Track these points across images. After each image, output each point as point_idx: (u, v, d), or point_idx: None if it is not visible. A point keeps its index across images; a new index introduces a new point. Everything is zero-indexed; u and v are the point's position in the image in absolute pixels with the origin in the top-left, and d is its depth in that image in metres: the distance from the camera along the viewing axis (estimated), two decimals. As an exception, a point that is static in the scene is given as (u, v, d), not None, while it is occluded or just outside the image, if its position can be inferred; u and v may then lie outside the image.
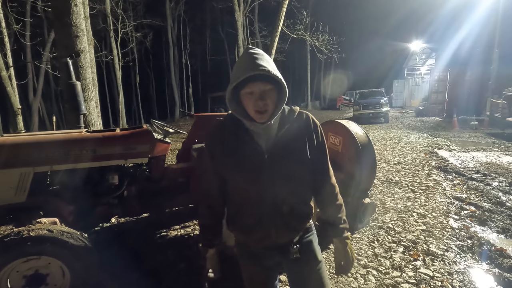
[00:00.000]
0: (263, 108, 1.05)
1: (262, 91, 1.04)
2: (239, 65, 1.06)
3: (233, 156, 1.13)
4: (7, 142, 2.07)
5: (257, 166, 1.10)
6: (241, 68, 1.03)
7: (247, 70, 1.00)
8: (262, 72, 0.99)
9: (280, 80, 1.04)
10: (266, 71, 0.99)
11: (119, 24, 15.02)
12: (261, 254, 1.22)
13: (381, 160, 6.26)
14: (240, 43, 14.18)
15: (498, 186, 4.36)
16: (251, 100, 1.05)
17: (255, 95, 1.04)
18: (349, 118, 14.73)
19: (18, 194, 2.07)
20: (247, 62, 1.03)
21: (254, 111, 1.06)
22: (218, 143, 1.17)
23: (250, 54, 1.04)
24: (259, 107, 1.04)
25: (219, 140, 1.17)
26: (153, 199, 2.63)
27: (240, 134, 1.13)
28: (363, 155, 2.99)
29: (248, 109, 1.07)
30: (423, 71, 23.76)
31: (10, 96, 7.39)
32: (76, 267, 1.87)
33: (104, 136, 2.37)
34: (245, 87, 1.04)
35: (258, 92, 1.04)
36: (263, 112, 1.05)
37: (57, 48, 4.30)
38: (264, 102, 1.04)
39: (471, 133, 9.99)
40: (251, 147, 1.12)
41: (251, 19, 21.86)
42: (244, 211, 1.18)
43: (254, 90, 1.04)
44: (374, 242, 2.92)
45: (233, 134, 1.14)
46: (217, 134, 1.20)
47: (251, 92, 1.04)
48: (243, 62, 1.04)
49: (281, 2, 9.03)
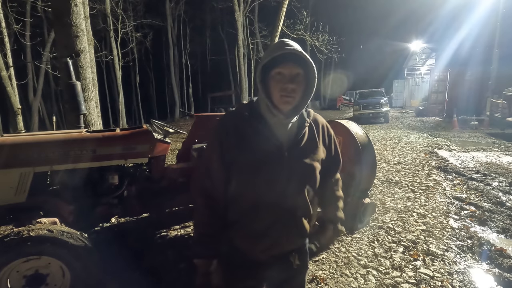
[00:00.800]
0: (291, 93, 0.98)
1: (292, 74, 0.98)
2: (270, 48, 1.03)
3: (248, 149, 1.02)
4: (7, 142, 2.07)
5: (276, 164, 1.02)
6: (272, 50, 1.01)
7: (277, 49, 0.98)
8: (292, 51, 0.96)
9: (311, 63, 1.00)
10: (296, 50, 0.97)
11: (119, 24, 15.02)
12: (261, 264, 1.10)
13: (381, 160, 6.26)
14: (240, 43, 14.18)
15: (498, 186, 4.36)
16: (279, 83, 0.99)
17: (285, 78, 0.98)
18: (349, 118, 14.73)
19: (18, 194, 2.07)
20: (278, 44, 1.01)
21: (279, 96, 0.99)
22: (231, 130, 1.04)
23: (282, 41, 1.02)
24: (287, 90, 0.98)
25: (233, 127, 1.04)
26: (153, 199, 2.62)
27: (259, 126, 1.04)
28: (363, 155, 2.99)
29: (274, 94, 1.00)
30: (423, 71, 23.76)
31: (10, 96, 7.38)
32: (76, 267, 1.87)
33: (104, 136, 2.37)
34: (275, 67, 0.99)
35: (288, 74, 0.98)
36: (289, 96, 0.99)
37: (57, 48, 4.30)
38: (292, 86, 0.98)
39: (471, 133, 9.99)
40: (270, 142, 1.03)
41: (251, 19, 21.84)
42: (254, 215, 1.05)
43: (284, 71, 0.98)
44: (374, 242, 2.92)
45: (250, 125, 1.04)
46: (231, 121, 1.07)
47: (280, 72, 0.98)
48: (274, 46, 1.02)
49: (281, 2, 9.03)
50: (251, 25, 22.20)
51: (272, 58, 0.98)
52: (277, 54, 0.97)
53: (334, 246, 2.88)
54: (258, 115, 1.05)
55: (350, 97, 25.85)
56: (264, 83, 1.02)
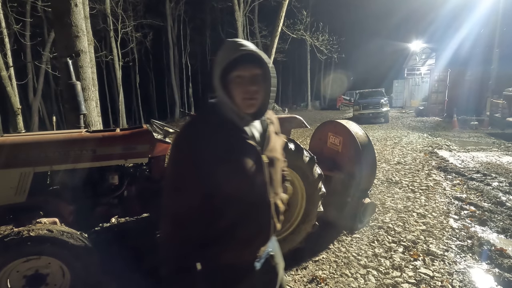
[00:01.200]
0: (254, 95, 0.94)
1: (252, 75, 0.94)
2: (224, 50, 0.95)
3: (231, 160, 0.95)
4: (7, 142, 2.07)
5: (260, 169, 1.00)
6: (227, 51, 0.93)
7: (234, 50, 0.91)
8: (249, 51, 0.91)
9: (267, 62, 0.95)
10: (252, 50, 0.92)
11: (119, 24, 15.02)
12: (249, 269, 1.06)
13: (381, 160, 6.26)
14: (240, 43, 14.14)
15: (498, 186, 4.36)
16: (240, 86, 0.93)
17: (245, 80, 0.93)
18: (349, 118, 14.73)
19: (18, 194, 2.07)
20: (232, 45, 0.94)
21: (242, 99, 0.94)
22: (209, 144, 0.93)
23: (234, 41, 0.96)
24: (249, 93, 0.93)
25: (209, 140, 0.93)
26: (153, 199, 2.62)
27: (235, 132, 0.98)
28: (363, 155, 3.00)
29: (236, 97, 0.94)
30: (423, 71, 23.76)
31: (10, 96, 7.38)
32: (76, 267, 1.87)
33: (104, 136, 2.37)
34: (233, 70, 0.93)
35: (248, 75, 0.93)
36: (252, 99, 0.95)
37: (57, 48, 4.30)
38: (254, 87, 0.94)
39: (471, 133, 9.99)
40: (254, 148, 0.99)
41: (251, 19, 21.88)
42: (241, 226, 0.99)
43: (243, 73, 0.93)
44: (374, 242, 2.92)
45: (223, 132, 0.96)
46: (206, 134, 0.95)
47: (240, 75, 0.93)
48: (228, 47, 0.95)
49: (281, 2, 9.03)
50: (251, 25, 22.23)
51: (230, 61, 0.92)
52: (235, 56, 0.91)
53: (334, 246, 2.88)
54: (228, 121, 0.98)
55: (350, 97, 25.84)
56: (224, 86, 0.96)
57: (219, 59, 0.94)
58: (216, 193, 0.94)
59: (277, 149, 1.10)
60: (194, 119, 1.02)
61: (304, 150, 2.53)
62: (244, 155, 0.96)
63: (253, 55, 0.93)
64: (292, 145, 2.46)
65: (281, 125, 2.66)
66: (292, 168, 2.49)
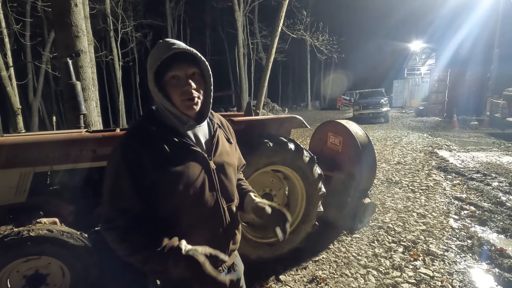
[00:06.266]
0: (192, 94, 0.90)
1: (188, 74, 0.91)
2: (155, 51, 0.91)
3: (169, 169, 0.89)
4: (7, 142, 2.07)
5: (206, 174, 0.95)
6: (158, 52, 0.89)
7: (165, 50, 0.88)
8: (181, 50, 0.88)
9: (203, 60, 0.93)
10: (184, 48, 0.89)
11: (119, 24, 15.02)
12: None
13: (381, 160, 6.26)
14: (240, 43, 14.20)
15: (498, 186, 4.36)
16: (177, 87, 0.90)
17: (181, 80, 0.90)
18: (349, 118, 14.73)
19: (18, 194, 2.07)
20: (163, 45, 0.91)
21: (181, 101, 0.91)
22: (142, 154, 0.87)
23: (165, 41, 0.93)
24: (187, 93, 0.90)
25: (143, 150, 0.88)
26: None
27: (176, 138, 0.92)
28: (363, 155, 3.00)
29: (175, 100, 0.91)
30: (423, 71, 23.78)
31: (10, 96, 7.38)
32: (76, 267, 1.88)
33: (104, 136, 2.37)
34: (167, 71, 0.89)
35: (183, 75, 0.90)
36: (192, 99, 0.91)
37: (57, 48, 4.30)
38: (192, 87, 0.90)
39: (471, 133, 9.99)
40: (196, 153, 0.94)
41: (251, 19, 21.88)
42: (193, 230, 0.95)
43: (179, 73, 0.90)
44: (374, 242, 2.92)
45: (164, 140, 0.91)
46: (137, 143, 0.89)
47: (175, 75, 0.90)
48: (159, 48, 0.91)
49: (281, 2, 9.02)
50: (251, 25, 22.24)
51: (162, 61, 0.88)
52: (167, 56, 0.87)
53: (334, 246, 2.88)
54: (168, 127, 0.94)
55: (350, 97, 25.87)
56: (161, 90, 0.92)
57: (151, 61, 0.90)
58: (156, 204, 0.90)
59: (228, 153, 1.06)
60: (130, 128, 0.97)
61: (304, 150, 2.53)
62: (185, 162, 0.91)
63: (186, 53, 0.89)
64: (292, 145, 2.46)
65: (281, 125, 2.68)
66: (292, 168, 2.50)
